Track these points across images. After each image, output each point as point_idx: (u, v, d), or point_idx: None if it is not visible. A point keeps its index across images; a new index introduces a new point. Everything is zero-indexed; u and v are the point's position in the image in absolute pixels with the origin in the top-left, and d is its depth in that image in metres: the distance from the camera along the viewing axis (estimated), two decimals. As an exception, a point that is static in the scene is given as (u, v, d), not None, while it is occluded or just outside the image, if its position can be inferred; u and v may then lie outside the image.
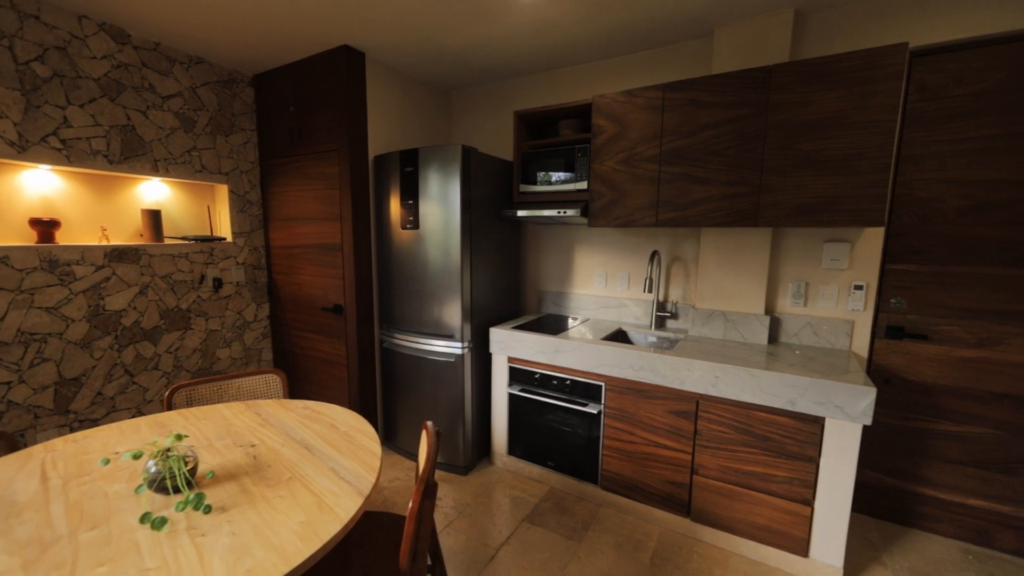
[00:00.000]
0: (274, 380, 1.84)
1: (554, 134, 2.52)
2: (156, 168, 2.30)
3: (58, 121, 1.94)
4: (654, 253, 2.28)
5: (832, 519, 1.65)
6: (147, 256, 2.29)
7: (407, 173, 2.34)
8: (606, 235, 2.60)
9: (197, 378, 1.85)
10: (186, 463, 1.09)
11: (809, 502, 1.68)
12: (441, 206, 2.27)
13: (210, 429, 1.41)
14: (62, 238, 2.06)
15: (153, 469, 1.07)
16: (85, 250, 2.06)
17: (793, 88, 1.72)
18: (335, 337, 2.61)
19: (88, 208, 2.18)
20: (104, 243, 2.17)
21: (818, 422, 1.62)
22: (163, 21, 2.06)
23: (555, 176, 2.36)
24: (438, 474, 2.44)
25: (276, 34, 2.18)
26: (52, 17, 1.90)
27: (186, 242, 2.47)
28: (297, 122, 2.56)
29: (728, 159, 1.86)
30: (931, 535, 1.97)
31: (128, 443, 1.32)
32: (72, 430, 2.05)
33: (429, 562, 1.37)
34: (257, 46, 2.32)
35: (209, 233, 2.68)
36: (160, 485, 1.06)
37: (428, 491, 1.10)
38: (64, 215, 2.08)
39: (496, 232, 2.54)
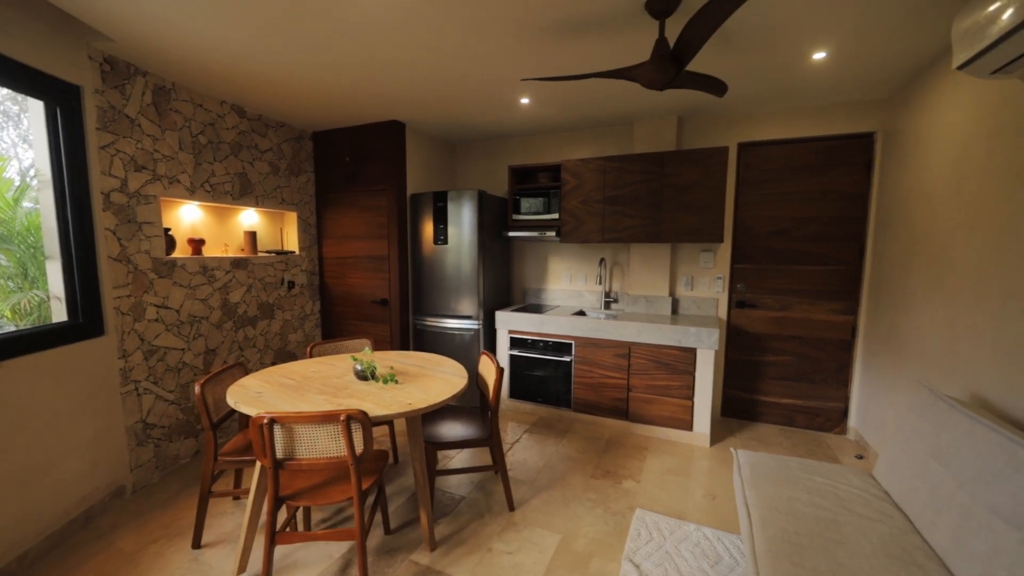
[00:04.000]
0: (365, 343, 2.85)
1: (534, 181, 3.72)
2: (257, 202, 3.23)
3: (209, 173, 2.86)
4: (602, 259, 3.54)
5: (703, 406, 2.93)
6: (251, 264, 3.20)
7: (439, 207, 3.45)
8: (570, 248, 3.83)
9: (326, 340, 2.82)
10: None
11: (691, 398, 2.95)
12: (463, 229, 3.40)
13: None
14: (205, 251, 2.95)
15: (359, 368, 2.11)
16: (219, 260, 2.96)
17: (676, 165, 3.04)
18: (381, 322, 3.62)
19: (214, 230, 3.08)
20: (227, 255, 3.07)
21: (693, 351, 2.91)
22: (264, 101, 3.00)
23: (536, 208, 3.56)
24: (460, 414, 3.50)
25: (345, 111, 3.20)
26: (209, 104, 2.84)
27: (272, 255, 3.39)
28: (352, 168, 3.58)
29: (643, 203, 3.15)
30: (763, 424, 3.34)
31: (316, 368, 2.31)
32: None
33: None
34: (326, 115, 3.32)
35: (281, 248, 3.61)
36: (369, 375, 2.09)
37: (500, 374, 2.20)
38: (204, 235, 2.98)
39: (496, 246, 3.69)
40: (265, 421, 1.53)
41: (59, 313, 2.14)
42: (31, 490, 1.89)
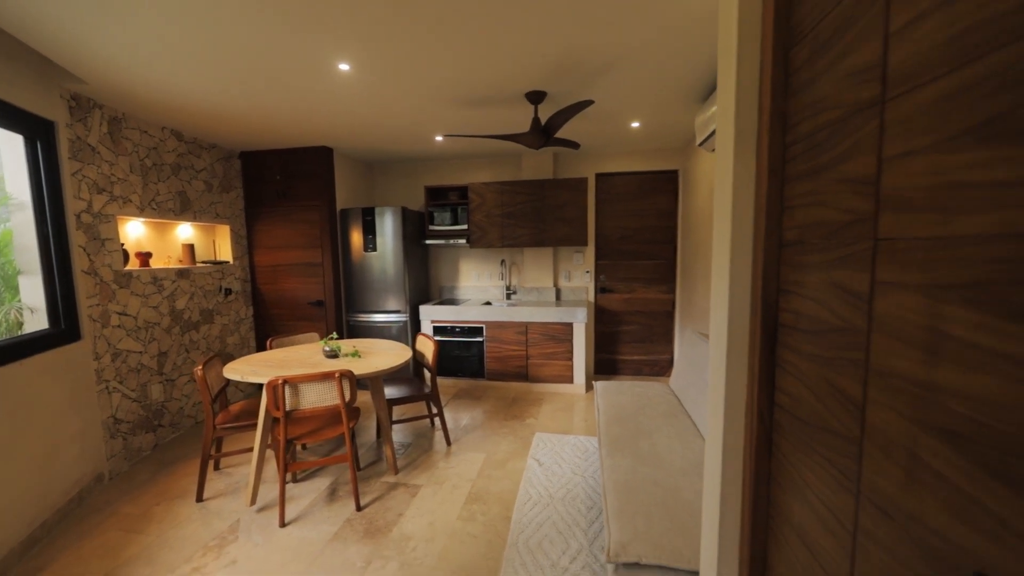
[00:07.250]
0: (315, 336, 3.42)
1: (445, 198, 4.55)
2: (195, 217, 3.56)
3: (155, 192, 3.17)
4: (503, 260, 4.51)
5: (580, 366, 4.06)
6: (193, 274, 3.52)
7: (367, 220, 4.09)
8: (477, 252, 4.74)
9: (281, 334, 3.33)
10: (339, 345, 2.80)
11: (571, 359, 4.07)
12: (388, 238, 4.10)
13: (316, 347, 3.04)
14: (152, 263, 3.23)
15: (327, 348, 2.75)
16: (167, 271, 3.27)
17: (553, 189, 4.13)
18: (318, 320, 4.13)
19: (156, 243, 3.35)
20: (171, 266, 3.37)
21: (571, 325, 4.02)
22: (200, 127, 3.39)
23: (448, 220, 4.40)
24: (393, 393, 4.19)
25: (277, 137, 3.70)
26: (153, 131, 3.15)
27: (210, 265, 3.72)
28: (283, 186, 4.04)
29: (531, 217, 4.19)
30: (622, 375, 4.62)
31: (285, 354, 2.87)
32: (165, 385, 3.21)
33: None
34: (257, 139, 3.75)
35: (215, 258, 3.92)
36: (331, 354, 2.74)
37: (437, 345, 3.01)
38: (149, 248, 3.25)
39: (417, 252, 4.44)
40: (280, 382, 2.16)
41: (30, 323, 2.41)
42: (44, 471, 2.21)
